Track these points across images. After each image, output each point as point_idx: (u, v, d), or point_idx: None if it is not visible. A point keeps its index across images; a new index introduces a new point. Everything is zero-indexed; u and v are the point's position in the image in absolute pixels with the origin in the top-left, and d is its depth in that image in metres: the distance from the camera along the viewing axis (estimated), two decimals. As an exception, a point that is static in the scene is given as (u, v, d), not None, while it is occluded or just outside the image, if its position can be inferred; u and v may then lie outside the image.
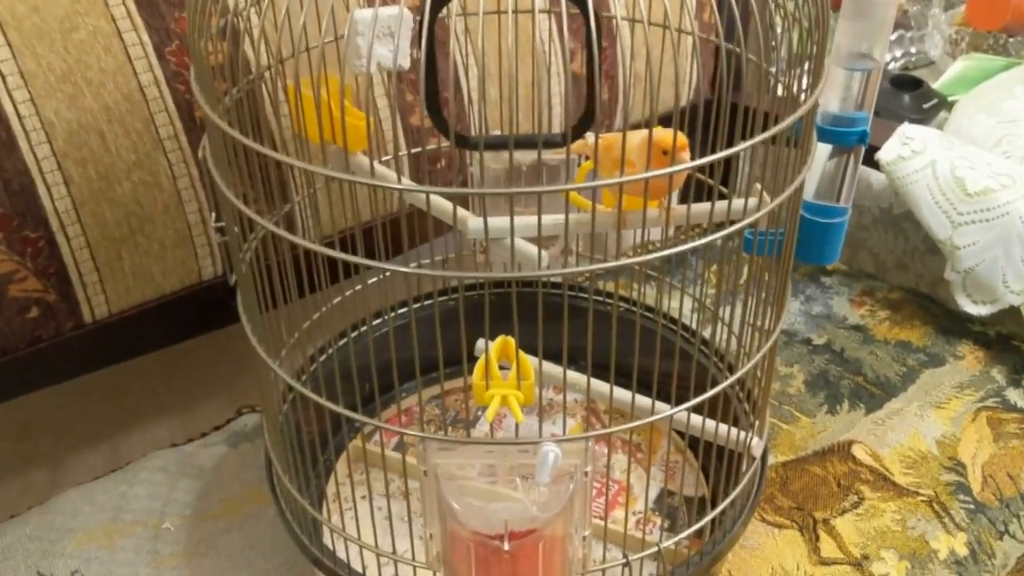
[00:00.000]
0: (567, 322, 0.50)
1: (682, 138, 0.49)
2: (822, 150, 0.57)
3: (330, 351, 0.72)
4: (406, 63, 0.58)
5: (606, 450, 0.59)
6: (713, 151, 0.48)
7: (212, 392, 1.04)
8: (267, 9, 0.55)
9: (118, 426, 0.99)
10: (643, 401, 0.57)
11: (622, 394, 0.59)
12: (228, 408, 0.88)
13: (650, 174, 0.43)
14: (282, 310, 0.58)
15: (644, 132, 0.48)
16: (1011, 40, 1.28)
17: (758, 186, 0.53)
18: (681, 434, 0.75)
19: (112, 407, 0.98)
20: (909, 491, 0.75)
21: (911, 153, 0.89)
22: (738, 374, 0.55)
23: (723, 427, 0.62)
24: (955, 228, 0.86)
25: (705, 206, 0.53)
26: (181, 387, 1.02)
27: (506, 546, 0.48)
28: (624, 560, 0.54)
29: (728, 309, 0.64)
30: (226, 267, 0.58)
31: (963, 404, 0.83)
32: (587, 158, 0.65)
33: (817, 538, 0.71)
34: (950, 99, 1.19)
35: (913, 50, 1.36)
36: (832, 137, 0.56)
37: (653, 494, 0.72)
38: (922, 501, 0.74)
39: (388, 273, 0.72)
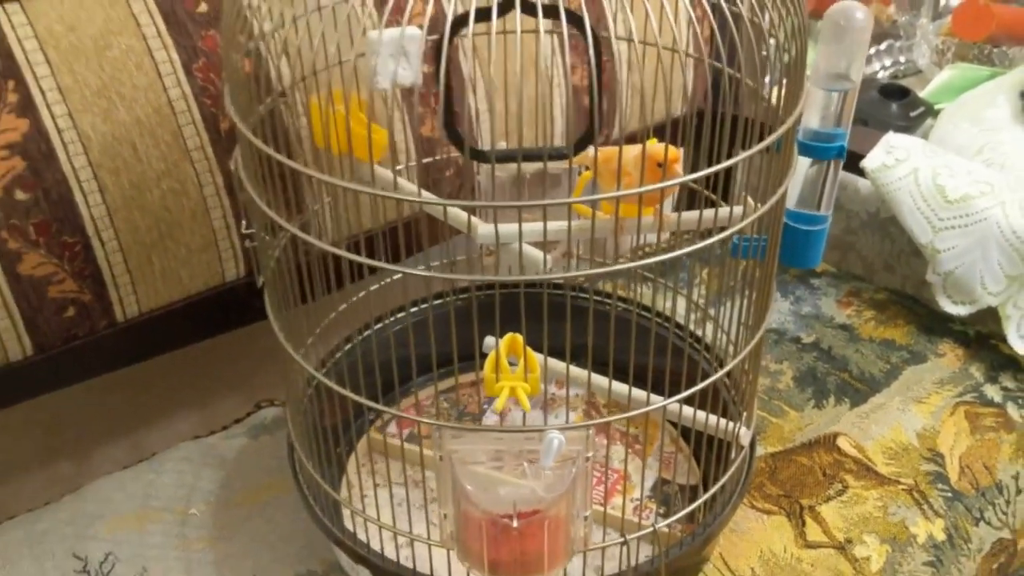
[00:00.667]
0: (570, 321, 0.54)
1: (675, 151, 0.54)
2: (803, 162, 0.61)
3: (346, 347, 0.76)
4: (418, 79, 0.63)
5: (605, 441, 0.64)
6: (709, 160, 0.52)
7: (230, 390, 1.08)
8: (289, 31, 0.59)
9: (140, 422, 1.04)
10: (640, 394, 0.62)
11: (620, 387, 0.64)
12: (244, 405, 0.91)
13: (643, 189, 0.48)
14: (301, 309, 0.63)
15: (639, 146, 0.53)
16: (995, 50, 1.32)
17: (744, 195, 0.58)
18: (676, 426, 0.80)
19: (134, 404, 1.02)
20: (890, 480, 0.79)
21: (895, 161, 0.94)
22: (727, 368, 0.59)
23: (713, 417, 0.67)
24: (936, 233, 0.91)
25: (695, 214, 0.58)
26: (200, 385, 1.06)
27: (515, 524, 0.53)
28: (622, 539, 0.58)
29: (719, 309, 0.69)
30: (254, 269, 0.63)
31: (943, 399, 0.87)
32: (587, 168, 0.70)
33: (803, 523, 0.75)
34: (936, 107, 1.23)
35: (902, 59, 1.40)
36: (812, 152, 0.60)
37: (649, 483, 0.77)
38: (902, 489, 0.79)
39: (397, 276, 0.77)
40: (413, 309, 0.81)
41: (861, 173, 0.96)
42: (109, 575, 0.71)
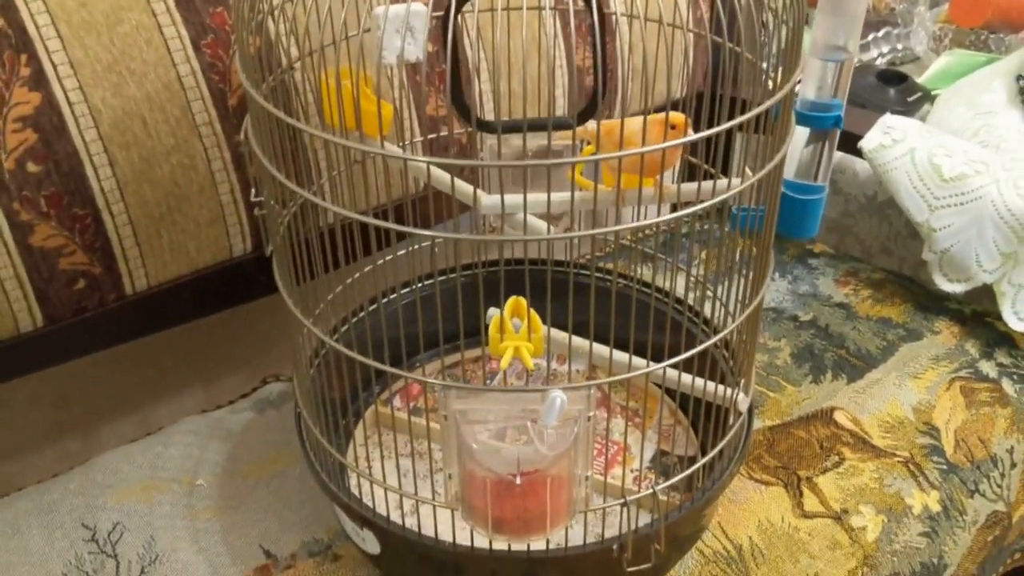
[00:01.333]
0: (572, 296, 0.56)
1: (680, 115, 0.55)
2: (801, 134, 0.63)
3: (354, 320, 0.78)
4: (423, 56, 0.64)
5: (606, 415, 0.65)
6: (708, 138, 0.53)
7: (233, 368, 1.10)
8: (297, 6, 0.60)
9: (146, 398, 1.05)
10: (639, 362, 0.63)
11: (620, 356, 0.65)
12: (249, 382, 0.92)
13: (646, 149, 0.50)
14: (310, 280, 0.64)
15: (642, 117, 0.54)
16: (991, 37, 1.34)
17: (743, 166, 0.59)
18: (674, 398, 0.82)
19: (141, 380, 1.03)
20: (886, 452, 0.81)
21: (892, 142, 0.95)
22: (722, 334, 0.60)
23: (711, 383, 0.68)
24: (932, 211, 0.92)
25: (694, 184, 0.59)
26: (206, 362, 1.07)
27: (518, 480, 0.54)
28: (623, 501, 0.60)
29: (717, 285, 0.70)
30: (263, 238, 0.64)
31: (938, 375, 0.89)
32: (588, 143, 0.71)
33: (801, 494, 0.76)
34: (933, 92, 1.24)
35: (899, 46, 1.41)
36: (809, 121, 0.62)
37: (649, 454, 0.78)
38: (898, 462, 0.80)
39: (401, 253, 0.78)
40: (418, 285, 0.82)
41: (859, 154, 0.97)
42: (117, 544, 0.72)
